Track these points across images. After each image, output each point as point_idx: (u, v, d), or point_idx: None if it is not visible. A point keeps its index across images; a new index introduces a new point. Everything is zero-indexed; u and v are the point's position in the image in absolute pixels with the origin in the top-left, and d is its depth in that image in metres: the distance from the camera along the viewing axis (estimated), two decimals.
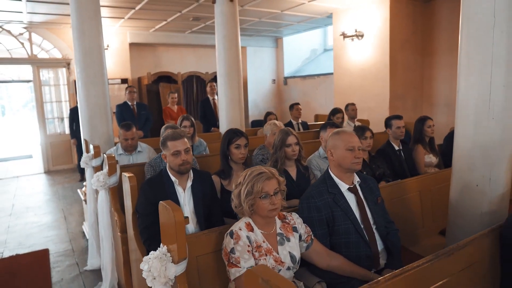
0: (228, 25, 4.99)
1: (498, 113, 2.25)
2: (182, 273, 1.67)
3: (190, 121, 3.98)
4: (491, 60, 2.23)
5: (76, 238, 4.56)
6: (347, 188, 1.97)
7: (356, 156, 1.91)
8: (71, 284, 3.45)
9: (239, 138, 2.59)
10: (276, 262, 1.67)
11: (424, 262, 1.46)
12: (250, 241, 1.67)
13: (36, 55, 8.12)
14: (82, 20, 4.04)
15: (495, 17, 2.20)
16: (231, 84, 5.09)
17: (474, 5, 2.28)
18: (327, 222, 1.91)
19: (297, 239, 1.80)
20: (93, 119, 4.21)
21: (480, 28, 2.25)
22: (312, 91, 10.35)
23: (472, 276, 1.63)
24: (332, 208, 1.91)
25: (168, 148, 2.26)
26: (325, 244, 1.89)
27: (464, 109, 2.40)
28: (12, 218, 5.39)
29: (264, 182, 1.66)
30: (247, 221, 1.74)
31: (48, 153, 8.41)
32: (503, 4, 2.17)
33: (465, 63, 2.37)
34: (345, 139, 1.94)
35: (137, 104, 6.16)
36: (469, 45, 2.34)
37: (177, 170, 2.25)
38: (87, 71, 4.13)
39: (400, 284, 1.37)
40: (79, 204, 5.69)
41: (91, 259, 3.73)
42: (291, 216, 1.85)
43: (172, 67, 9.76)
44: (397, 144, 3.69)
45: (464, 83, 2.39)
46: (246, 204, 1.68)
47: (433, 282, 1.46)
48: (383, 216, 2.06)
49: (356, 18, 7.40)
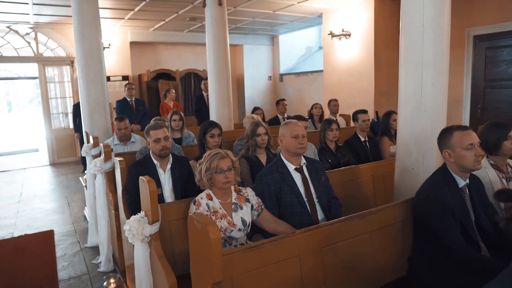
0: (217, 27, 5.41)
1: (428, 107, 2.67)
2: (156, 233, 2.12)
3: (179, 115, 4.43)
4: (421, 63, 2.65)
5: (78, 221, 5.03)
6: (294, 168, 2.40)
7: (300, 142, 2.34)
8: (72, 258, 3.92)
9: (213, 128, 3.03)
10: (229, 224, 2.11)
11: (338, 221, 1.89)
12: (208, 207, 2.11)
13: (41, 54, 8.58)
14: (82, 24, 4.49)
15: (424, 27, 2.62)
16: (220, 82, 5.52)
17: (408, 16, 2.70)
18: (276, 195, 2.34)
19: (249, 208, 2.24)
20: (93, 114, 4.67)
21: (413, 36, 2.67)
22: (306, 88, 10.74)
23: (383, 235, 2.05)
24: (280, 184, 2.34)
25: (150, 136, 2.71)
26: (274, 213, 2.33)
27: (403, 104, 2.82)
28: (21, 204, 5.88)
29: (219, 160, 2.10)
30: (208, 192, 2.18)
31: (53, 146, 8.89)
32: (430, 16, 2.60)
33: (403, 65, 2.79)
34: (291, 129, 2.37)
35: (135, 100, 6.62)
36: (405, 50, 2.76)
37: (158, 154, 2.71)
38: (88, 70, 4.58)
39: (317, 236, 1.81)
40: (81, 192, 6.16)
41: (91, 238, 4.19)
42: (245, 190, 2.29)
43: (171, 65, 10.19)
44: (363, 136, 4.11)
45: (403, 82, 2.81)
46: (205, 178, 2.13)
47: (346, 237, 1.89)
48: (326, 192, 2.49)
49: (344, 18, 7.79)
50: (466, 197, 2.04)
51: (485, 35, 6.51)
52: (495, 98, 6.61)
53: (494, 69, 6.52)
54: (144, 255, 2.15)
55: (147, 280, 2.19)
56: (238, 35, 10.84)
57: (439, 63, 2.65)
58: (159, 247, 2.09)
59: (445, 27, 2.66)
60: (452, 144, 2.00)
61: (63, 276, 3.54)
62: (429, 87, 2.65)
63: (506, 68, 6.31)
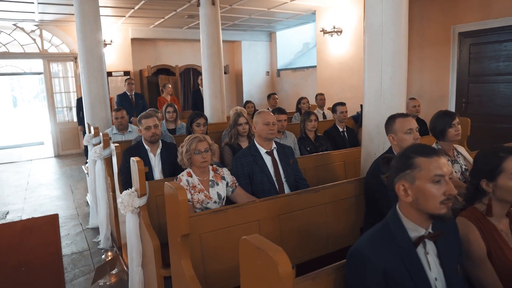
0: (210, 26, 5.76)
1: (387, 98, 3.00)
2: (144, 205, 2.48)
3: (174, 107, 4.80)
4: (381, 59, 2.98)
5: (81, 206, 5.43)
6: (265, 151, 2.76)
7: (270, 129, 2.70)
8: (75, 237, 4.31)
9: (199, 118, 3.40)
10: (205, 197, 2.47)
11: (294, 193, 2.25)
12: (188, 182, 2.47)
13: (46, 50, 8.96)
14: (84, 23, 4.85)
15: (383, 27, 2.95)
16: (214, 77, 5.86)
17: (369, 19, 3.03)
18: (249, 175, 2.70)
19: (225, 185, 2.60)
20: (94, 107, 5.04)
21: (374, 35, 3.00)
22: (302, 82, 11.06)
23: (336, 207, 2.40)
24: (253, 165, 2.70)
25: (142, 124, 3.09)
26: (247, 190, 2.68)
27: (367, 95, 3.16)
28: (28, 192, 6.28)
29: (197, 143, 2.46)
30: (188, 170, 2.54)
31: (58, 139, 9.30)
32: (388, 17, 2.92)
33: (366, 62, 3.12)
34: (263, 117, 2.72)
35: (135, 94, 6.99)
36: (368, 47, 3.09)
37: (148, 140, 3.09)
38: (89, 66, 4.94)
39: (275, 205, 2.16)
40: (84, 181, 6.56)
41: (92, 220, 4.58)
42: (221, 170, 2.65)
43: (171, 60, 10.53)
44: (341, 126, 4.45)
45: (366, 77, 3.14)
46: (185, 158, 2.49)
47: (302, 207, 2.25)
48: (294, 173, 2.84)
49: (335, 16, 8.10)
50: None
51: (469, 32, 6.79)
52: (478, 93, 6.90)
53: (478, 64, 6.80)
54: (134, 224, 2.52)
55: (137, 247, 2.56)
56: (236, 31, 11.17)
57: (397, 60, 2.98)
58: (146, 217, 2.46)
59: (402, 29, 2.98)
60: (395, 129, 2.35)
61: (66, 252, 3.93)
62: (388, 81, 2.99)
63: (489, 64, 6.59)
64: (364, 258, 1.25)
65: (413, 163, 1.30)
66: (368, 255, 1.25)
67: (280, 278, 0.98)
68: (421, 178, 1.27)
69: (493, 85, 6.63)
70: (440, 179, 1.26)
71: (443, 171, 1.26)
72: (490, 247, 1.52)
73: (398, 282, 1.23)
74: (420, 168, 1.28)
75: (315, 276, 1.31)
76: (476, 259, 1.50)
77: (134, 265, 2.60)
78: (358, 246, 1.29)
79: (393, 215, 1.37)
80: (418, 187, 1.28)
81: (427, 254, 1.31)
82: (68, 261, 3.73)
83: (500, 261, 1.51)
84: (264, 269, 1.04)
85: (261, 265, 1.05)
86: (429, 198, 1.26)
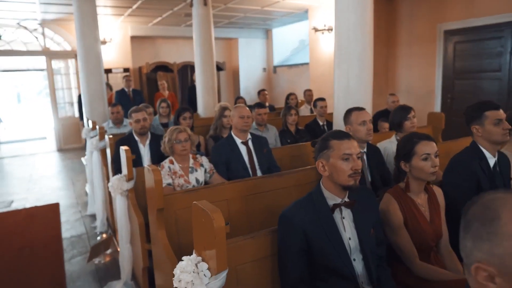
0: (202, 25, 6.07)
1: (353, 93, 3.32)
2: (131, 188, 2.81)
3: (167, 103, 5.11)
4: (348, 58, 3.29)
5: (80, 196, 5.78)
6: (241, 142, 3.07)
7: (245, 122, 3.01)
8: (74, 223, 4.66)
9: (185, 112, 3.73)
10: (185, 182, 2.80)
11: (260, 177, 2.57)
12: (170, 169, 2.80)
13: (48, 48, 9.30)
14: (82, 24, 5.18)
15: (349, 30, 3.25)
16: (206, 74, 6.18)
17: (338, 20, 3.34)
18: (226, 162, 3.02)
19: (203, 171, 2.92)
20: (92, 102, 5.38)
21: (342, 36, 3.31)
22: (297, 79, 11.34)
23: (300, 190, 2.69)
24: (229, 154, 3.02)
25: (132, 117, 3.42)
26: (224, 177, 2.99)
27: (337, 90, 3.47)
28: (31, 183, 6.64)
29: (178, 133, 2.79)
30: (170, 158, 2.87)
31: (60, 134, 9.65)
32: (354, 20, 3.22)
33: (336, 60, 3.43)
34: (238, 111, 3.04)
35: (133, 91, 7.32)
36: (337, 47, 3.40)
37: (138, 132, 3.42)
38: (87, 65, 5.28)
39: (242, 187, 2.47)
40: (84, 174, 6.88)
41: (90, 207, 4.93)
42: (200, 158, 2.97)
43: (169, 57, 10.83)
44: (322, 120, 4.76)
45: (336, 73, 3.45)
46: (167, 146, 2.82)
47: (267, 189, 2.56)
48: (268, 161, 3.16)
49: (327, 14, 8.37)
50: (364, 163, 2.69)
51: (454, 30, 7.05)
52: (463, 89, 7.17)
53: (462, 62, 7.07)
54: (123, 205, 2.85)
55: (126, 225, 2.89)
56: (233, 29, 11.45)
57: (363, 59, 3.29)
58: (133, 198, 2.79)
59: (367, 30, 3.29)
60: (351, 120, 2.66)
61: (66, 235, 4.27)
62: (354, 78, 3.30)
63: (472, 61, 6.85)
64: (288, 219, 1.58)
65: (328, 145, 1.62)
66: (291, 217, 1.58)
67: (214, 230, 1.30)
68: (334, 156, 1.59)
69: (476, 81, 6.90)
70: (348, 157, 1.58)
71: (351, 151, 1.58)
72: (407, 218, 1.83)
73: (317, 239, 1.56)
74: (333, 149, 1.60)
75: (254, 236, 1.64)
76: (394, 227, 1.82)
77: (123, 242, 2.93)
78: (285, 211, 1.63)
79: (317, 188, 1.69)
80: (332, 164, 1.60)
81: (343, 219, 1.63)
82: (67, 243, 4.07)
83: (415, 229, 1.82)
84: (206, 225, 1.36)
85: (204, 222, 1.38)
86: (340, 172, 1.58)
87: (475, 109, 2.22)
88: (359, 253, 1.62)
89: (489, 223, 0.76)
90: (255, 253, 1.65)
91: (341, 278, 1.55)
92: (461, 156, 2.23)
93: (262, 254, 1.67)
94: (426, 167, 1.81)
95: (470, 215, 0.81)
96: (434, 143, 1.86)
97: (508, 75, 6.37)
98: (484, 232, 0.77)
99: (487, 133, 2.14)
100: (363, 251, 1.61)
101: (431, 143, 1.84)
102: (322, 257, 1.56)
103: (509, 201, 0.76)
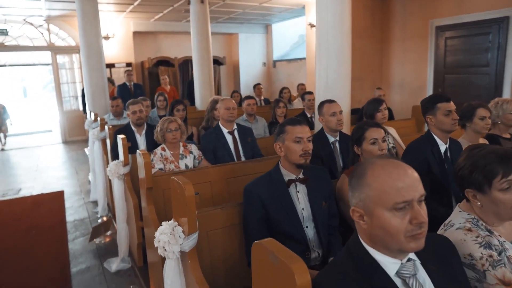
0: (199, 22, 6.34)
1: (332, 88, 3.59)
2: (127, 173, 3.12)
3: (164, 96, 5.42)
4: (327, 55, 3.56)
5: (84, 184, 6.12)
6: (227, 131, 3.37)
7: (231, 113, 3.29)
8: (77, 208, 5.00)
9: (178, 105, 4.03)
10: (175, 167, 3.10)
11: (239, 162, 2.87)
12: (161, 155, 3.10)
13: (53, 43, 9.61)
14: (85, 21, 5.47)
15: (328, 28, 3.51)
16: (203, 69, 6.47)
17: (319, 19, 3.59)
18: (213, 150, 3.31)
19: (192, 158, 3.22)
20: (95, 96, 5.70)
21: (322, 33, 3.57)
22: (296, 73, 11.58)
23: None
24: (216, 143, 3.31)
25: (129, 109, 3.72)
26: (211, 163, 3.29)
27: (318, 85, 3.74)
28: (37, 173, 6.99)
29: (169, 123, 3.09)
30: (162, 146, 3.17)
31: (65, 126, 9.99)
32: (332, 19, 3.48)
33: (317, 56, 3.69)
34: (224, 103, 3.32)
35: (134, 85, 7.62)
36: (318, 45, 3.66)
37: (135, 122, 3.72)
38: (90, 60, 5.58)
39: (224, 170, 2.77)
40: (87, 164, 7.21)
41: (92, 194, 5.25)
42: (190, 145, 3.27)
43: (170, 52, 11.10)
44: (310, 113, 5.03)
45: (317, 68, 3.71)
46: (159, 135, 3.12)
47: (247, 173, 2.85)
48: (252, 150, 3.45)
49: None
50: (336, 150, 2.98)
51: (445, 26, 7.26)
52: (453, 83, 7.39)
53: (452, 57, 7.28)
54: (120, 188, 3.16)
55: (122, 206, 3.20)
56: (233, 24, 11.68)
57: (341, 55, 3.55)
58: (129, 181, 3.10)
59: (345, 28, 3.55)
60: (323, 112, 2.93)
61: (69, 219, 4.61)
62: (333, 73, 3.57)
63: (462, 56, 7.07)
64: (249, 191, 1.88)
65: (284, 129, 1.91)
66: (251, 189, 1.88)
67: (186, 198, 1.60)
68: (288, 139, 1.89)
69: (466, 76, 7.12)
70: (300, 140, 1.87)
71: (302, 135, 1.87)
72: None
73: (274, 209, 1.86)
74: (288, 133, 1.89)
75: (224, 206, 1.94)
76: (347, 203, 2.10)
77: (120, 222, 3.24)
78: (248, 185, 1.94)
79: (276, 166, 1.98)
80: (286, 146, 1.89)
81: (297, 192, 1.92)
82: (71, 226, 4.40)
83: None
84: (180, 194, 1.66)
85: (179, 192, 1.67)
86: (292, 153, 1.87)
87: (429, 101, 2.49)
88: (311, 222, 1.91)
89: (359, 177, 1.06)
90: (224, 221, 1.95)
91: (295, 242, 1.85)
92: (416, 143, 2.50)
93: (230, 222, 1.97)
94: (374, 150, 2.09)
95: (352, 173, 1.10)
96: (382, 129, 2.14)
97: (495, 70, 6.58)
98: (356, 184, 1.06)
99: (439, 122, 2.41)
100: (315, 220, 1.90)
101: (379, 130, 2.13)
102: (279, 224, 1.85)
103: (376, 163, 1.05)
